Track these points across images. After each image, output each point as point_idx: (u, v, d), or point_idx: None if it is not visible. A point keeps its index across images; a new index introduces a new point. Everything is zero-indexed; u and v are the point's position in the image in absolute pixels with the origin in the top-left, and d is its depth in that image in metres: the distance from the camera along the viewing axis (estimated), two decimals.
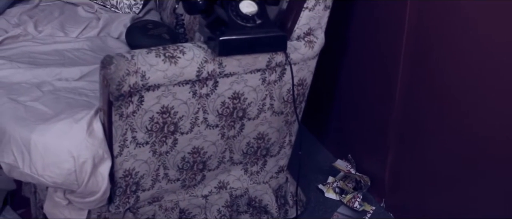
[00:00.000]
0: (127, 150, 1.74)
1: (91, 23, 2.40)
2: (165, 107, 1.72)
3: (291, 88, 1.89)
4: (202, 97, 1.76)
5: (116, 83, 1.59)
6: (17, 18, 2.40)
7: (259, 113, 1.89)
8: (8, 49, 2.18)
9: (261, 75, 1.82)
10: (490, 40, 1.70)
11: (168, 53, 1.66)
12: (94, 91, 1.92)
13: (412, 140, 2.08)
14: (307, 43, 1.85)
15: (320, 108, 2.48)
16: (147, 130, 1.74)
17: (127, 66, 1.60)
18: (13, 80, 1.96)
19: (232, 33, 1.65)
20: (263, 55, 1.76)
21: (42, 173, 1.69)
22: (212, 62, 1.70)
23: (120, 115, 1.67)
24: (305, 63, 1.89)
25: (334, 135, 2.54)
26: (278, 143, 2.02)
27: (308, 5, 1.79)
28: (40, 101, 1.85)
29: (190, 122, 1.79)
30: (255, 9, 1.68)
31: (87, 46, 2.23)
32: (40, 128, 1.71)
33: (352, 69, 2.34)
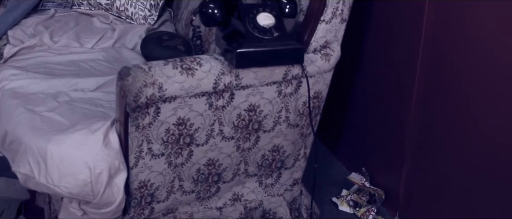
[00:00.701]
0: (143, 161, 1.74)
1: (106, 34, 2.41)
2: (181, 118, 1.72)
3: (306, 100, 1.89)
4: (218, 109, 1.76)
5: (133, 94, 1.59)
6: (32, 28, 2.41)
7: (274, 125, 1.89)
8: (24, 59, 2.18)
9: (277, 87, 1.81)
10: (510, 49, 1.69)
11: (185, 65, 1.66)
12: (110, 102, 1.92)
13: (428, 153, 2.07)
14: (324, 56, 1.85)
15: (333, 120, 2.47)
16: (163, 142, 1.74)
17: (145, 77, 1.60)
18: (29, 90, 1.97)
19: (250, 45, 1.65)
20: (280, 67, 1.76)
21: (58, 183, 1.69)
22: (229, 74, 1.70)
23: (137, 126, 1.67)
24: (321, 76, 1.88)
25: (347, 147, 2.54)
26: (293, 156, 2.01)
27: (325, 18, 1.79)
28: (56, 111, 1.85)
29: (205, 134, 1.79)
30: (272, 21, 1.68)
31: (102, 57, 2.24)
32: (57, 139, 1.71)
33: (366, 81, 2.33)
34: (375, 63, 2.27)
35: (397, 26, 2.11)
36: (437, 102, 1.98)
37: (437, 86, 1.97)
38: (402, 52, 2.09)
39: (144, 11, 2.51)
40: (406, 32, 2.06)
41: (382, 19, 2.19)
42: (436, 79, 1.97)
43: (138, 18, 2.52)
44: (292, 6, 1.78)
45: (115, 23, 2.50)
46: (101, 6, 2.57)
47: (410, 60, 2.04)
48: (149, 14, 2.52)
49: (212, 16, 1.73)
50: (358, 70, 2.35)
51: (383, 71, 2.22)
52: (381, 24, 2.20)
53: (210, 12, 1.73)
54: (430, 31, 1.95)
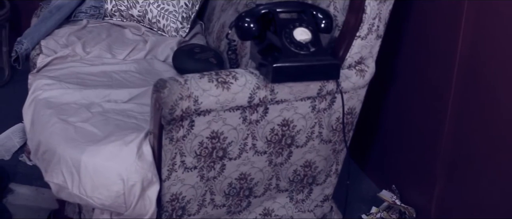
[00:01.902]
0: (175, 174, 1.74)
1: (138, 46, 2.41)
2: (215, 132, 1.71)
3: (340, 116, 1.88)
4: (252, 123, 1.75)
5: (169, 107, 1.59)
6: (65, 38, 2.42)
7: (307, 140, 1.88)
8: (56, 69, 2.19)
9: (311, 102, 1.80)
10: None
11: (221, 79, 1.66)
12: (142, 113, 1.92)
13: (462, 172, 2.04)
14: (358, 71, 1.84)
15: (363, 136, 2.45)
16: (196, 155, 1.73)
17: (180, 90, 1.60)
18: (63, 100, 1.98)
19: (286, 60, 1.64)
20: (315, 82, 1.75)
21: (91, 194, 1.69)
22: (264, 88, 1.69)
23: (170, 139, 1.67)
24: (355, 92, 1.87)
25: (377, 164, 2.51)
26: (324, 172, 2.00)
27: (361, 34, 1.78)
28: (89, 122, 1.85)
29: (238, 148, 1.78)
30: (309, 36, 1.68)
31: (134, 69, 2.24)
32: (91, 150, 1.71)
33: (398, 97, 2.31)
34: (408, 80, 2.25)
35: (432, 42, 2.09)
36: (472, 120, 1.96)
37: (472, 104, 1.95)
38: (437, 69, 2.07)
39: (176, 23, 2.52)
40: (441, 48, 2.04)
41: (416, 35, 2.17)
42: (471, 96, 1.94)
43: (169, 30, 2.52)
44: (328, 22, 1.77)
45: (147, 34, 2.51)
46: (133, 17, 2.58)
47: (444, 77, 2.02)
48: (181, 26, 2.53)
49: (248, 30, 1.73)
50: (390, 86, 2.33)
51: (416, 88, 2.20)
52: (415, 40, 2.18)
53: (246, 26, 1.72)
54: (466, 48, 1.93)
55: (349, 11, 1.77)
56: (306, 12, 1.75)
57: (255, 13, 1.73)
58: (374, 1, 1.75)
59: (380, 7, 1.78)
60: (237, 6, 2.38)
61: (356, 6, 1.74)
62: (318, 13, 1.76)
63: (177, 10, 2.52)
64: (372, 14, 1.76)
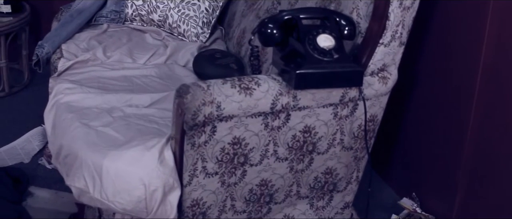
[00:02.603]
0: (197, 179, 1.73)
1: (158, 50, 2.42)
2: (236, 138, 1.71)
3: (361, 123, 1.86)
4: (273, 129, 1.74)
5: (191, 112, 1.59)
6: (86, 42, 2.43)
7: (328, 147, 1.87)
8: (77, 74, 2.20)
9: (333, 109, 1.79)
10: None
11: (243, 85, 1.65)
12: (164, 118, 1.92)
13: (483, 181, 2.02)
14: (381, 79, 1.83)
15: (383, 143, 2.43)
16: (217, 161, 1.73)
17: (203, 96, 1.60)
18: (84, 104, 1.98)
19: (309, 67, 1.64)
20: (337, 89, 1.74)
21: (112, 199, 1.69)
22: (287, 95, 1.69)
23: (192, 144, 1.67)
24: (377, 99, 1.86)
25: (397, 171, 2.50)
26: (345, 179, 1.99)
27: (384, 41, 1.77)
28: (111, 126, 1.85)
29: (260, 154, 1.78)
30: (332, 43, 1.67)
31: (155, 73, 2.24)
32: (112, 154, 1.71)
33: (420, 104, 2.30)
34: (429, 86, 2.23)
35: (454, 48, 2.08)
36: (495, 127, 1.94)
37: (495, 111, 1.93)
38: (459, 75, 2.05)
39: (197, 28, 2.52)
40: (464, 54, 2.02)
41: (438, 41, 2.16)
42: (495, 103, 1.93)
43: (190, 35, 2.52)
44: (351, 28, 1.76)
45: (167, 39, 2.51)
46: (153, 22, 2.59)
47: (467, 84, 2.00)
48: (201, 31, 2.53)
49: (271, 36, 1.72)
50: (410, 93, 2.32)
51: (438, 94, 2.19)
52: (437, 47, 2.17)
53: (269, 32, 1.72)
54: (490, 54, 1.91)
55: (372, 18, 1.76)
56: (330, 18, 1.74)
57: (278, 19, 1.72)
58: (398, 8, 1.73)
59: (403, 14, 1.76)
60: (258, 12, 2.38)
61: (380, 13, 1.73)
62: (342, 20, 1.75)
63: (197, 15, 2.52)
64: (395, 21, 1.75)
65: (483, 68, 1.94)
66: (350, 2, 1.83)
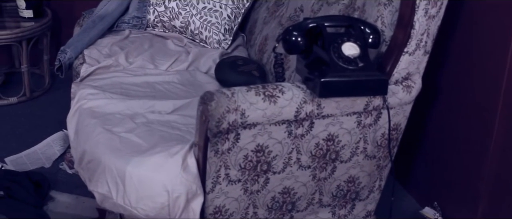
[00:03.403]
0: (219, 187, 1.73)
1: (180, 57, 2.42)
2: (260, 145, 1.71)
3: (385, 132, 1.86)
4: (297, 137, 1.74)
5: (216, 119, 1.59)
6: (108, 48, 2.44)
7: (351, 156, 1.86)
8: (100, 79, 2.21)
9: (357, 118, 1.79)
10: None
11: (268, 92, 1.65)
12: (186, 125, 1.92)
13: (507, 190, 2.00)
14: (405, 87, 1.82)
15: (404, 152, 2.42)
16: (240, 168, 1.72)
17: (228, 103, 1.60)
18: (107, 110, 1.98)
19: (334, 75, 1.63)
20: (362, 98, 1.74)
21: (135, 205, 1.69)
22: (311, 103, 1.68)
23: (216, 151, 1.67)
24: (401, 107, 1.85)
25: (419, 180, 2.48)
26: (368, 187, 1.98)
27: (409, 50, 1.76)
28: (134, 133, 1.86)
29: (283, 162, 1.77)
30: (357, 51, 1.66)
31: (177, 80, 2.25)
32: (136, 160, 1.72)
33: (443, 112, 2.28)
34: (453, 95, 2.22)
35: (479, 58, 2.06)
36: None
37: None
38: (484, 85, 2.04)
39: (218, 35, 2.52)
40: (489, 65, 2.01)
41: (463, 51, 2.14)
42: None
43: (212, 42, 2.52)
44: (376, 37, 1.75)
45: (189, 46, 2.52)
46: (175, 29, 2.59)
47: (492, 94, 1.99)
48: (223, 38, 2.53)
49: (295, 44, 1.72)
50: (433, 102, 2.30)
51: (462, 104, 2.17)
52: (461, 55, 2.15)
53: (294, 40, 1.71)
54: None
55: (397, 27, 1.75)
56: (354, 26, 1.73)
57: (302, 27, 1.72)
58: (423, 17, 1.73)
59: (428, 23, 1.76)
60: (280, 19, 2.38)
61: (405, 21, 1.73)
62: (366, 28, 1.74)
63: (219, 22, 2.52)
64: (420, 30, 1.74)
65: (508, 76, 1.92)
66: (374, 10, 1.83)
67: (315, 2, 2.20)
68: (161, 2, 2.59)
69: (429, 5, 1.72)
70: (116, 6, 2.63)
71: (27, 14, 3.03)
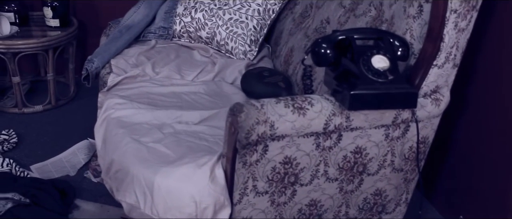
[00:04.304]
0: (247, 198, 1.73)
1: (206, 67, 2.43)
2: (288, 157, 1.70)
3: (412, 145, 1.85)
4: (325, 149, 1.74)
5: (245, 131, 1.59)
6: (135, 58, 2.45)
7: (379, 169, 1.85)
8: (127, 89, 2.22)
9: (385, 130, 1.78)
10: None
11: (297, 104, 1.65)
12: (214, 136, 1.93)
13: None
14: (434, 100, 1.81)
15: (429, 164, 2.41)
16: (268, 180, 1.72)
17: (257, 115, 1.60)
18: (134, 120, 1.99)
19: (363, 88, 1.63)
20: (390, 111, 1.73)
21: (163, 215, 1.70)
22: (340, 115, 1.68)
23: (244, 163, 1.67)
24: (429, 121, 1.84)
25: (444, 193, 2.46)
26: (394, 201, 1.97)
27: (438, 63, 1.75)
28: (162, 143, 1.86)
29: (310, 174, 1.77)
30: (387, 64, 1.66)
31: (203, 90, 2.25)
32: (164, 171, 1.72)
33: (470, 125, 2.27)
34: (480, 108, 2.20)
35: (508, 72, 2.05)
36: None
37: None
38: None
39: (244, 46, 2.52)
40: None
41: (491, 64, 2.13)
42: None
43: (238, 53, 2.53)
44: (405, 49, 1.74)
45: (215, 56, 2.52)
46: (201, 39, 2.60)
47: None
48: (249, 49, 2.53)
49: (324, 56, 1.71)
50: (460, 114, 2.29)
51: (490, 117, 2.16)
52: (490, 69, 2.14)
53: (323, 52, 1.71)
54: None
55: (427, 40, 1.74)
56: (384, 39, 1.73)
57: (332, 39, 1.72)
58: (453, 30, 1.72)
59: (458, 36, 1.75)
60: (306, 31, 2.38)
61: (435, 34, 1.72)
62: (395, 41, 1.74)
63: (245, 33, 2.53)
64: (450, 42, 1.73)
65: None
66: (403, 23, 1.82)
67: (341, 14, 2.20)
68: (188, 13, 2.60)
69: (459, 18, 1.71)
70: (142, 17, 2.65)
71: (54, 23, 3.06)
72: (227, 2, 2.55)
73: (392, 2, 1.92)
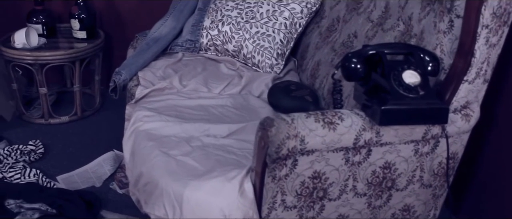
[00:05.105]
0: (275, 212, 1.73)
1: (233, 80, 2.43)
2: (317, 172, 1.70)
3: (442, 161, 1.84)
4: (354, 164, 1.73)
5: (275, 145, 1.59)
6: (162, 71, 2.46)
7: (407, 184, 1.84)
8: (155, 101, 2.23)
9: (414, 146, 1.77)
10: None
11: (327, 119, 1.65)
12: (242, 149, 1.93)
13: None
14: (464, 116, 1.80)
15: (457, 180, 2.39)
16: (296, 194, 1.72)
17: (288, 129, 1.60)
18: (163, 133, 2.00)
19: (394, 103, 1.62)
20: (420, 126, 1.72)
21: None
22: (370, 130, 1.67)
23: (273, 177, 1.67)
24: (459, 136, 1.83)
25: (471, 210, 2.44)
26: (422, 216, 1.96)
27: (468, 78, 1.74)
28: (190, 156, 1.87)
29: (339, 189, 1.76)
30: (418, 80, 1.65)
31: (230, 103, 2.26)
32: (193, 184, 1.73)
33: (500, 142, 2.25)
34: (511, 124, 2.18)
35: None
36: None
37: None
38: None
39: (271, 59, 2.53)
40: None
41: None
42: None
43: (264, 66, 2.53)
44: (435, 65, 1.74)
45: (241, 70, 2.53)
46: (228, 52, 2.61)
47: None
48: (276, 62, 2.53)
49: (355, 70, 1.71)
50: (490, 129, 2.27)
51: None
52: None
53: (353, 67, 1.71)
54: None
55: (457, 55, 1.74)
56: (414, 54, 1.72)
57: (362, 54, 1.72)
58: (484, 45, 1.71)
59: (489, 51, 1.74)
60: (333, 45, 2.38)
61: (466, 50, 1.71)
62: (426, 56, 1.73)
63: (272, 46, 2.53)
64: (481, 58, 1.72)
65: None
66: (433, 38, 1.81)
67: (369, 28, 2.19)
68: (215, 26, 2.61)
69: (490, 34, 1.70)
70: (170, 29, 2.66)
71: (81, 35, 3.09)
72: (254, 15, 2.56)
73: (421, 17, 1.92)
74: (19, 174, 2.60)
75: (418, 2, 1.96)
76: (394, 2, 2.09)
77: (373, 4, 2.22)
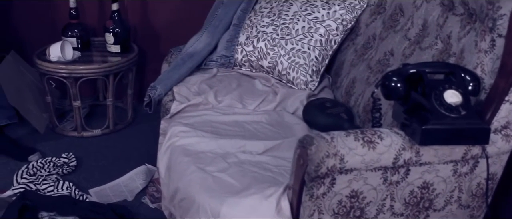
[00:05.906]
0: None
1: (268, 97, 2.43)
2: (354, 191, 1.69)
3: (480, 181, 1.81)
4: (392, 184, 1.72)
5: (315, 164, 1.58)
6: (197, 86, 2.47)
7: (445, 205, 1.82)
8: (190, 117, 2.23)
9: (453, 166, 1.75)
10: None
11: (367, 138, 1.64)
12: (278, 167, 1.92)
13: None
14: (504, 136, 1.77)
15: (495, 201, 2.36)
16: (333, 213, 1.71)
17: (327, 148, 1.59)
18: (199, 148, 2.00)
19: (435, 123, 1.60)
20: (460, 146, 1.70)
21: None
22: (410, 150, 1.66)
23: (311, 195, 1.66)
24: (498, 157, 1.81)
25: None
26: None
27: (510, 98, 1.72)
28: (227, 172, 1.87)
29: (376, 209, 1.75)
30: (459, 99, 1.63)
31: (265, 120, 2.25)
32: (230, 201, 1.72)
33: None
34: None
35: None
36: None
37: None
38: None
39: (306, 76, 2.52)
40: None
41: None
42: None
43: (299, 83, 2.53)
44: (476, 84, 1.72)
45: (276, 86, 2.52)
46: (262, 68, 2.61)
47: None
48: (311, 79, 2.53)
49: (395, 89, 1.70)
50: None
51: None
52: None
53: (393, 86, 1.70)
54: None
55: (499, 75, 1.72)
56: (455, 73, 1.71)
57: (402, 73, 1.71)
58: None
59: None
60: (369, 62, 2.37)
61: (508, 69, 1.69)
62: (467, 75, 1.72)
63: (307, 63, 2.52)
64: None
65: None
66: (474, 57, 1.80)
67: (406, 46, 2.18)
68: (250, 42, 2.62)
69: None
70: (204, 45, 2.67)
71: (115, 49, 3.11)
72: (289, 32, 2.56)
73: (461, 36, 1.90)
74: (53, 186, 2.62)
75: (458, 21, 1.94)
76: (432, 20, 2.08)
77: (410, 22, 2.21)
